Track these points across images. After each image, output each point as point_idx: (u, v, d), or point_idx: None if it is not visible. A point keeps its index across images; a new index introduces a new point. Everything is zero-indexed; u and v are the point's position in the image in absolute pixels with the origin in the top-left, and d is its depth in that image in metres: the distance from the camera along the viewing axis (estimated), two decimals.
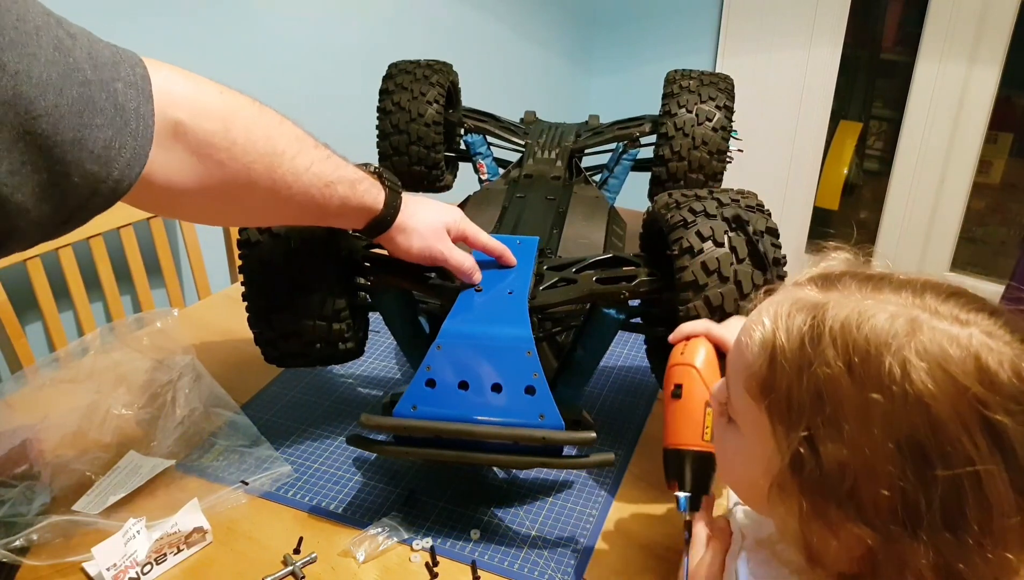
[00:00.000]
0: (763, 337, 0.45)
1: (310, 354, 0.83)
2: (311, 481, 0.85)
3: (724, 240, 0.74)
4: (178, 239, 1.50)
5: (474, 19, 2.18)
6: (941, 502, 0.39)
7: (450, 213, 0.81)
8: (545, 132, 1.29)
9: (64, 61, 0.48)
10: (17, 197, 0.47)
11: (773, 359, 0.44)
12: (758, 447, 0.47)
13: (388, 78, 1.29)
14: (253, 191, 0.65)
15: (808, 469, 0.42)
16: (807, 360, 0.42)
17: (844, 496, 0.41)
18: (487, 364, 0.72)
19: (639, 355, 1.07)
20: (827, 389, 0.41)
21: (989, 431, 0.39)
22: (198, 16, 1.45)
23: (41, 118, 0.46)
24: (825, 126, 2.49)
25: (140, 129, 0.53)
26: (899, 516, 0.40)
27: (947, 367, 0.39)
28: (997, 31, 2.17)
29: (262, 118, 0.65)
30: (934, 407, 0.39)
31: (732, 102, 1.20)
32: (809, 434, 0.42)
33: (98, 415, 0.90)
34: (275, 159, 0.65)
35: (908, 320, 0.41)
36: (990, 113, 2.26)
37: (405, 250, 0.79)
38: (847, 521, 0.42)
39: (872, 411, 0.40)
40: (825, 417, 0.41)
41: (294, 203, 0.69)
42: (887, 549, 0.41)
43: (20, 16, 0.45)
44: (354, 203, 0.73)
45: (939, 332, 0.40)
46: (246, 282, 0.82)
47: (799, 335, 0.43)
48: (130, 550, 0.71)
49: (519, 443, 0.71)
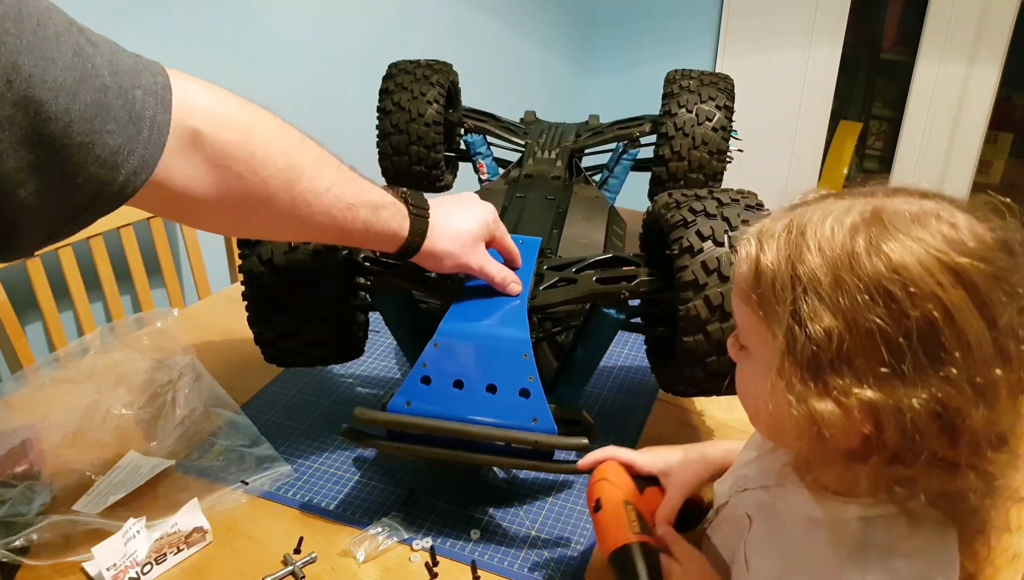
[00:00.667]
0: (747, 251, 0.51)
1: (310, 354, 0.83)
2: (311, 481, 0.85)
3: (724, 239, 0.74)
4: (178, 239, 1.50)
5: (474, 19, 2.18)
6: (919, 336, 0.43)
7: (481, 216, 0.78)
8: (545, 132, 1.29)
9: (82, 67, 0.49)
10: (21, 193, 0.47)
11: (758, 263, 0.50)
12: (759, 354, 0.51)
13: (388, 78, 1.29)
14: (271, 206, 0.64)
15: (800, 344, 0.46)
16: (785, 254, 0.48)
17: (836, 359, 0.45)
18: (483, 364, 0.72)
19: (639, 355, 1.07)
20: (804, 269, 0.46)
21: (950, 271, 0.44)
22: (198, 16, 1.45)
23: (51, 121, 0.47)
24: (825, 126, 2.49)
25: (152, 137, 0.53)
26: (886, 360, 0.44)
27: (907, 234, 0.45)
28: (997, 31, 2.18)
29: (283, 134, 0.64)
30: (895, 259, 0.44)
31: (732, 102, 1.20)
32: (794, 308, 0.46)
33: (98, 415, 0.90)
34: (294, 175, 0.64)
35: (869, 208, 0.47)
36: (990, 113, 2.26)
37: (437, 270, 0.78)
38: (846, 386, 0.45)
39: (841, 275, 0.45)
40: (803, 288, 0.46)
41: (315, 223, 0.67)
42: (884, 402, 0.44)
43: (41, 21, 0.47)
44: (378, 228, 0.71)
45: (898, 212, 0.46)
46: (246, 282, 0.82)
47: (775, 238, 0.49)
48: (130, 550, 0.71)
49: (511, 445, 0.71)
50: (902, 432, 0.45)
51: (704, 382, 0.78)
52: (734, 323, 0.56)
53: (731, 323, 0.73)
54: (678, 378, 0.80)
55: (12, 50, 0.44)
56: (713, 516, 0.67)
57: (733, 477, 0.66)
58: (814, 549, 0.53)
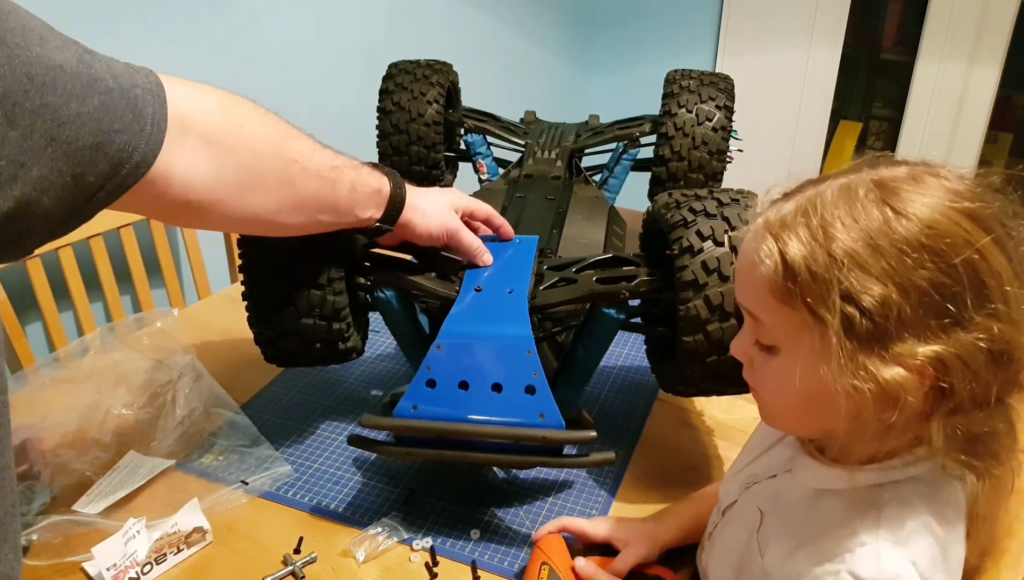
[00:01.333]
0: (768, 247, 0.50)
1: (310, 354, 0.83)
2: (311, 481, 0.85)
3: (724, 239, 0.74)
4: (178, 239, 1.50)
5: (474, 19, 2.18)
6: (968, 281, 0.46)
7: (449, 192, 0.84)
8: (545, 132, 1.29)
9: (87, 73, 0.52)
10: (44, 201, 0.50)
11: (783, 256, 0.49)
12: (803, 349, 0.50)
13: (388, 78, 1.29)
14: (266, 177, 0.67)
15: (857, 322, 0.47)
16: (810, 238, 0.48)
17: (898, 325, 0.46)
18: (487, 364, 0.72)
19: (639, 355, 1.07)
20: (838, 248, 0.47)
21: (968, 217, 0.47)
22: (198, 16, 1.45)
23: (66, 125, 0.49)
24: (825, 126, 2.49)
25: (153, 133, 0.56)
26: (946, 309, 0.46)
27: (917, 191, 0.48)
28: (997, 31, 2.17)
29: (256, 109, 0.69)
30: (923, 216, 0.47)
31: (732, 102, 1.20)
32: (843, 289, 0.47)
33: (98, 415, 0.89)
34: (281, 142, 0.68)
35: (869, 179, 0.49)
36: (990, 113, 2.26)
37: (424, 230, 0.80)
38: (911, 347, 0.46)
39: (880, 244, 0.46)
40: (847, 268, 0.47)
41: (308, 190, 0.70)
42: (949, 351, 0.46)
43: (43, 36, 0.49)
44: (363, 185, 0.74)
45: (895, 177, 0.49)
46: (246, 281, 0.81)
47: (793, 227, 0.49)
48: (130, 550, 0.71)
49: (519, 442, 0.71)
50: (971, 377, 0.47)
51: (704, 382, 0.78)
52: (758, 322, 0.54)
53: (731, 323, 0.73)
54: (678, 378, 0.80)
55: (24, 62, 0.47)
56: (718, 518, 0.67)
57: (740, 476, 0.66)
58: (826, 515, 0.54)
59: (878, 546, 0.49)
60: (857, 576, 0.49)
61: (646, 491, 0.84)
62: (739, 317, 0.73)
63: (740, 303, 0.55)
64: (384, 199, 0.77)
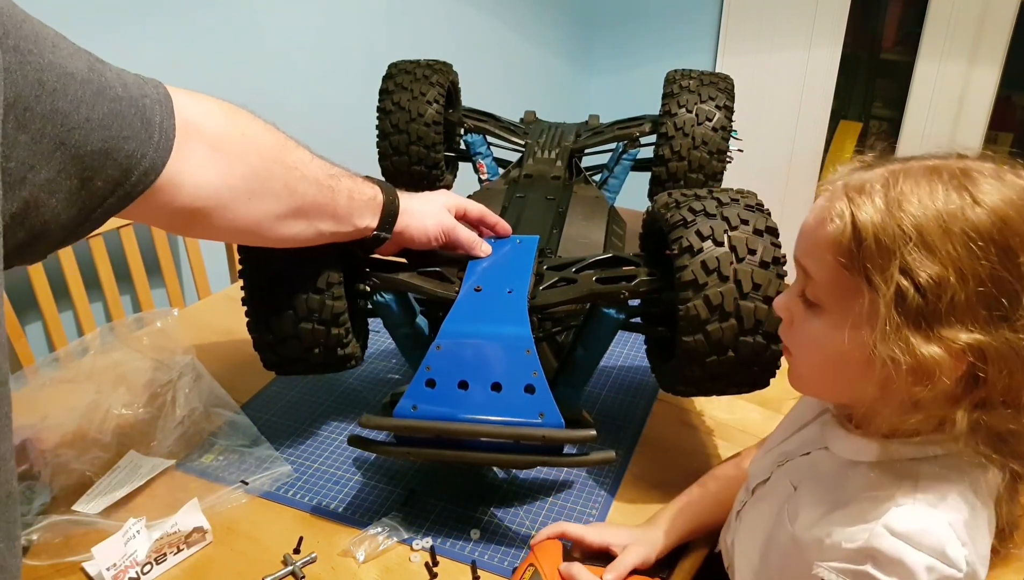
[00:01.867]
0: (842, 208, 0.51)
1: (309, 359, 0.83)
2: (311, 481, 0.85)
3: (724, 239, 0.74)
4: (178, 239, 1.50)
5: (474, 19, 2.18)
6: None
7: (441, 194, 0.85)
8: (545, 132, 1.29)
9: (98, 80, 0.53)
10: (52, 202, 0.51)
11: (855, 220, 0.50)
12: (848, 310, 0.51)
13: (388, 78, 1.29)
14: (269, 183, 0.68)
15: (910, 297, 0.47)
16: (885, 209, 0.49)
17: (948, 308, 0.47)
18: (487, 363, 0.72)
19: (639, 355, 1.07)
20: (910, 223, 0.48)
21: None
22: (198, 16, 1.45)
23: (75, 130, 0.51)
24: (825, 126, 2.49)
25: (161, 142, 0.58)
26: (1000, 304, 0.47)
27: (1000, 187, 0.48)
28: (997, 31, 2.17)
29: (255, 118, 0.70)
30: (999, 211, 0.47)
31: (732, 102, 1.20)
32: (903, 264, 0.48)
33: (98, 415, 0.89)
34: (282, 149, 0.70)
35: (956, 167, 0.50)
36: (990, 113, 2.26)
37: (422, 232, 0.81)
38: (955, 332, 0.47)
39: (952, 227, 0.47)
40: (913, 244, 0.47)
41: (308, 198, 0.71)
42: (991, 343, 0.47)
43: (55, 43, 0.51)
44: (359, 193, 0.76)
45: (981, 169, 0.49)
46: (245, 286, 0.81)
47: (871, 195, 0.50)
48: (130, 550, 0.71)
49: (519, 442, 0.71)
50: (1008, 373, 0.47)
51: (704, 382, 0.78)
52: (809, 278, 0.55)
53: (731, 323, 0.73)
54: (678, 378, 0.80)
55: (36, 68, 0.48)
56: (747, 497, 0.68)
57: (772, 455, 0.67)
58: (860, 483, 0.54)
59: (915, 506, 0.50)
60: (891, 528, 0.49)
61: (646, 491, 0.84)
62: (740, 317, 0.73)
63: (797, 257, 0.57)
64: (379, 206, 0.78)
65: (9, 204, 0.48)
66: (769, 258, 0.74)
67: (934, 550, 0.48)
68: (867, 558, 0.50)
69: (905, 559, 0.48)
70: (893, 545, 0.49)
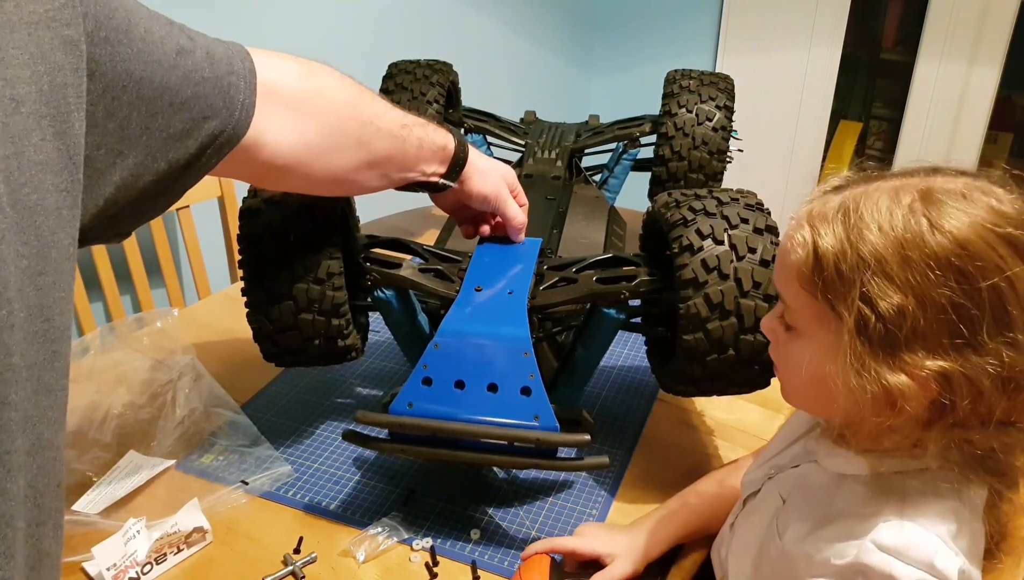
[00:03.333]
0: (803, 237, 0.52)
1: (309, 350, 0.82)
2: (311, 481, 0.85)
3: (724, 237, 0.74)
4: (178, 239, 1.50)
5: (474, 19, 2.18)
6: (990, 307, 0.46)
7: (503, 165, 0.88)
8: (545, 132, 1.29)
9: (184, 65, 0.56)
10: (139, 184, 0.55)
11: (816, 248, 0.50)
12: (820, 336, 0.52)
13: (388, 78, 1.29)
14: (344, 139, 0.71)
15: (872, 325, 0.47)
16: (844, 237, 0.49)
17: (910, 336, 0.47)
18: (484, 363, 0.72)
19: (639, 355, 1.07)
20: (868, 251, 0.48)
21: (1007, 242, 0.47)
22: (198, 15, 1.45)
23: (159, 115, 0.54)
24: (825, 126, 2.49)
25: (241, 118, 0.61)
26: (960, 331, 0.46)
27: (961, 209, 0.47)
28: (997, 31, 2.17)
29: (332, 73, 0.72)
30: (959, 235, 0.46)
31: (732, 102, 1.20)
32: (863, 291, 0.48)
33: (98, 415, 0.90)
34: (357, 104, 0.72)
35: (919, 187, 0.49)
36: (990, 113, 2.26)
37: (480, 190, 0.83)
38: (919, 359, 0.47)
39: (910, 254, 0.47)
40: (872, 272, 0.47)
41: (381, 148, 0.74)
42: (957, 370, 0.47)
43: (147, 28, 0.54)
44: (430, 143, 0.78)
45: (947, 189, 0.49)
46: (245, 276, 0.81)
47: (832, 222, 0.50)
48: (130, 550, 0.71)
49: (513, 443, 0.71)
50: (974, 397, 0.47)
51: (704, 381, 0.78)
52: (783, 303, 0.56)
53: (731, 322, 0.73)
54: (678, 378, 0.80)
55: (124, 59, 0.51)
56: (739, 509, 0.68)
57: (764, 467, 0.67)
58: (849, 497, 0.54)
59: (902, 521, 0.50)
60: (880, 543, 0.49)
61: (646, 491, 0.84)
62: (740, 315, 0.73)
63: (774, 282, 0.57)
64: (449, 156, 0.80)
65: (103, 189, 0.52)
66: (769, 257, 0.74)
67: (923, 563, 0.48)
68: (857, 574, 0.50)
69: (895, 574, 0.48)
70: (882, 560, 0.48)
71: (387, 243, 0.89)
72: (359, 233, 0.90)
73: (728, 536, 0.69)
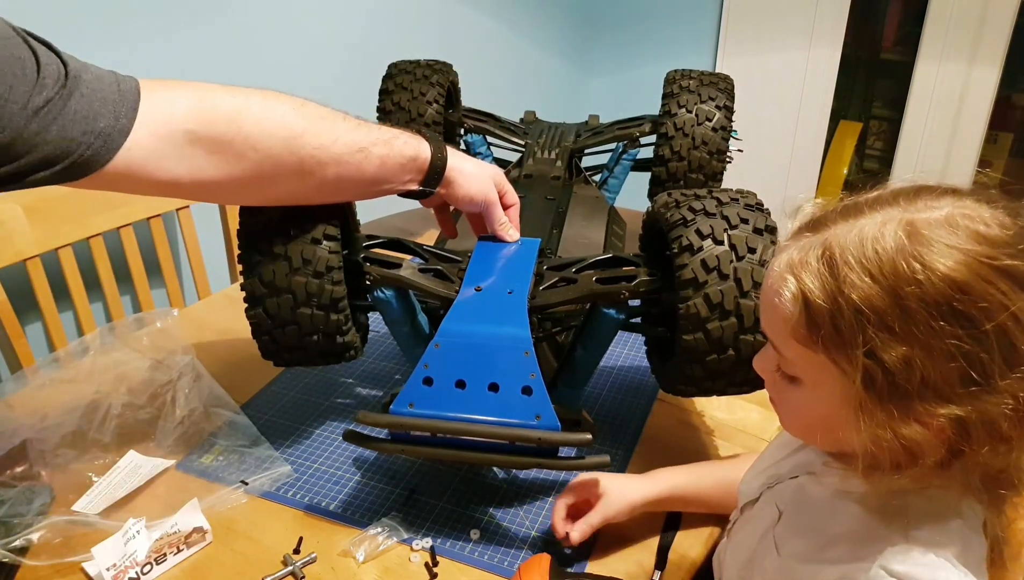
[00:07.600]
0: (790, 291, 0.49)
1: (307, 347, 0.82)
2: (311, 481, 0.85)
3: (724, 237, 0.74)
4: (178, 239, 1.50)
5: (474, 19, 2.18)
6: (999, 348, 0.45)
7: (491, 167, 0.87)
8: (545, 132, 1.29)
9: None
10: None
11: (807, 303, 0.48)
12: (824, 388, 0.51)
13: (388, 78, 1.29)
14: (282, 174, 0.72)
15: (879, 379, 0.46)
16: (836, 289, 0.47)
17: (920, 387, 0.46)
18: (485, 363, 0.72)
19: (639, 355, 1.07)
20: (864, 304, 0.46)
21: (1006, 276, 0.45)
22: (198, 15, 1.45)
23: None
24: (825, 126, 2.49)
25: (114, 134, 0.62)
26: (972, 377, 0.45)
27: (951, 244, 0.45)
28: (997, 31, 2.17)
29: (276, 106, 0.72)
30: (957, 277, 0.44)
31: (732, 102, 1.20)
32: (868, 348, 0.46)
33: (98, 415, 0.90)
34: (295, 141, 0.71)
35: (902, 223, 0.47)
36: (990, 113, 2.26)
37: (466, 193, 0.83)
38: (932, 408, 0.46)
39: (909, 305, 0.45)
40: (873, 327, 0.46)
41: (329, 176, 0.74)
42: (971, 414, 0.45)
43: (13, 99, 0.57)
44: (395, 159, 0.77)
45: (930, 222, 0.46)
46: (244, 270, 0.80)
47: (819, 273, 0.48)
48: (130, 550, 0.71)
49: (515, 443, 0.71)
50: (992, 436, 0.46)
51: (704, 381, 0.78)
52: (777, 354, 0.54)
53: (731, 322, 0.73)
54: (678, 378, 0.80)
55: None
56: (737, 516, 0.67)
57: (762, 476, 0.66)
58: (851, 516, 0.53)
59: (908, 544, 0.49)
60: (889, 569, 0.48)
61: None
62: (740, 315, 0.73)
63: (763, 330, 0.55)
64: (423, 165, 0.80)
65: None
66: (769, 257, 0.74)
67: None
68: None
69: None
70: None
71: (387, 243, 0.89)
72: (359, 233, 0.90)
73: (726, 541, 0.69)
